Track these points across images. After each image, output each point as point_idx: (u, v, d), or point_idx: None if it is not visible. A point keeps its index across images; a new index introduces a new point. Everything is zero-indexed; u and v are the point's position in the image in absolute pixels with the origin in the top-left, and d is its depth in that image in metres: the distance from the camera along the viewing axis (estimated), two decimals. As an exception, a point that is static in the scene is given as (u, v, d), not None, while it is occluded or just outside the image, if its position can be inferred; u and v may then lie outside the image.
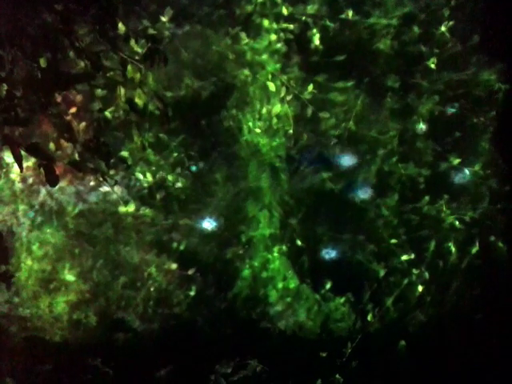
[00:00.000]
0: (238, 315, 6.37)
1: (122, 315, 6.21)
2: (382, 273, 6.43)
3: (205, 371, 6.05)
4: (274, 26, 6.29)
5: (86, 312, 6.12)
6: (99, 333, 6.15)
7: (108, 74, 4.60)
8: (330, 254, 6.49)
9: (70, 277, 6.11)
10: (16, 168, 5.75)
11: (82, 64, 4.29)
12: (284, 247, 6.43)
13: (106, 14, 4.22)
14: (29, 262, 6.07)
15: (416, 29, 6.48)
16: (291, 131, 6.35)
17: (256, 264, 6.40)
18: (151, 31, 5.87)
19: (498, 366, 6.19)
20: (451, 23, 6.44)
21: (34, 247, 6.08)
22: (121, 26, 4.39)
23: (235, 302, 6.37)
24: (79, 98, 5.17)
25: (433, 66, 6.45)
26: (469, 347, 6.23)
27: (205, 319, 6.30)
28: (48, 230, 6.11)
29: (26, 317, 6.07)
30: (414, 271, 6.46)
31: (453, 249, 6.48)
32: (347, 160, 6.50)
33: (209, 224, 6.32)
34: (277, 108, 6.29)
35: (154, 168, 6.22)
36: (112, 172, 5.73)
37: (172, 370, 6.09)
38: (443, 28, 6.46)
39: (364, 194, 6.52)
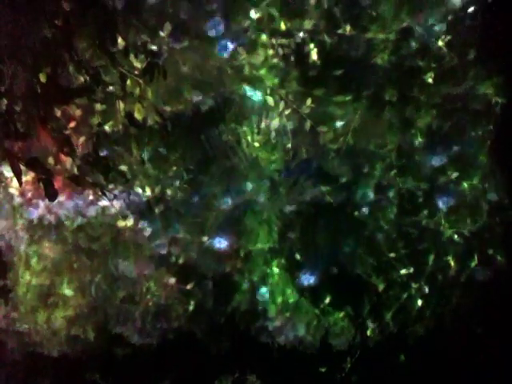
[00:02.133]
0: (237, 330, 6.35)
1: (120, 330, 6.18)
2: (381, 287, 6.41)
3: (204, 386, 6.03)
4: (272, 40, 6.31)
5: (85, 327, 6.10)
6: (98, 347, 6.12)
7: (107, 89, 4.62)
8: (329, 267, 6.48)
9: (68, 291, 6.09)
10: (15, 182, 5.74)
11: (82, 78, 4.31)
12: (283, 261, 6.42)
13: (105, 29, 4.24)
14: (27, 277, 6.05)
15: (413, 43, 6.51)
16: (289, 145, 6.37)
17: (255, 278, 6.39)
18: (150, 46, 5.92)
19: (498, 379, 6.16)
20: (448, 37, 6.47)
21: (33, 261, 6.07)
22: (120, 41, 4.41)
23: (234, 316, 6.35)
24: (79, 112, 5.19)
25: (430, 80, 6.48)
26: (468, 361, 6.20)
27: (204, 334, 6.28)
28: (47, 244, 6.10)
29: (24, 331, 6.04)
30: (414, 285, 6.44)
31: (452, 262, 6.47)
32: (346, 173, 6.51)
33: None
34: (275, 122, 6.30)
35: (152, 182, 6.22)
36: (111, 186, 5.73)
37: (171, 384, 6.07)
38: (440, 42, 6.49)
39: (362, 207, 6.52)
